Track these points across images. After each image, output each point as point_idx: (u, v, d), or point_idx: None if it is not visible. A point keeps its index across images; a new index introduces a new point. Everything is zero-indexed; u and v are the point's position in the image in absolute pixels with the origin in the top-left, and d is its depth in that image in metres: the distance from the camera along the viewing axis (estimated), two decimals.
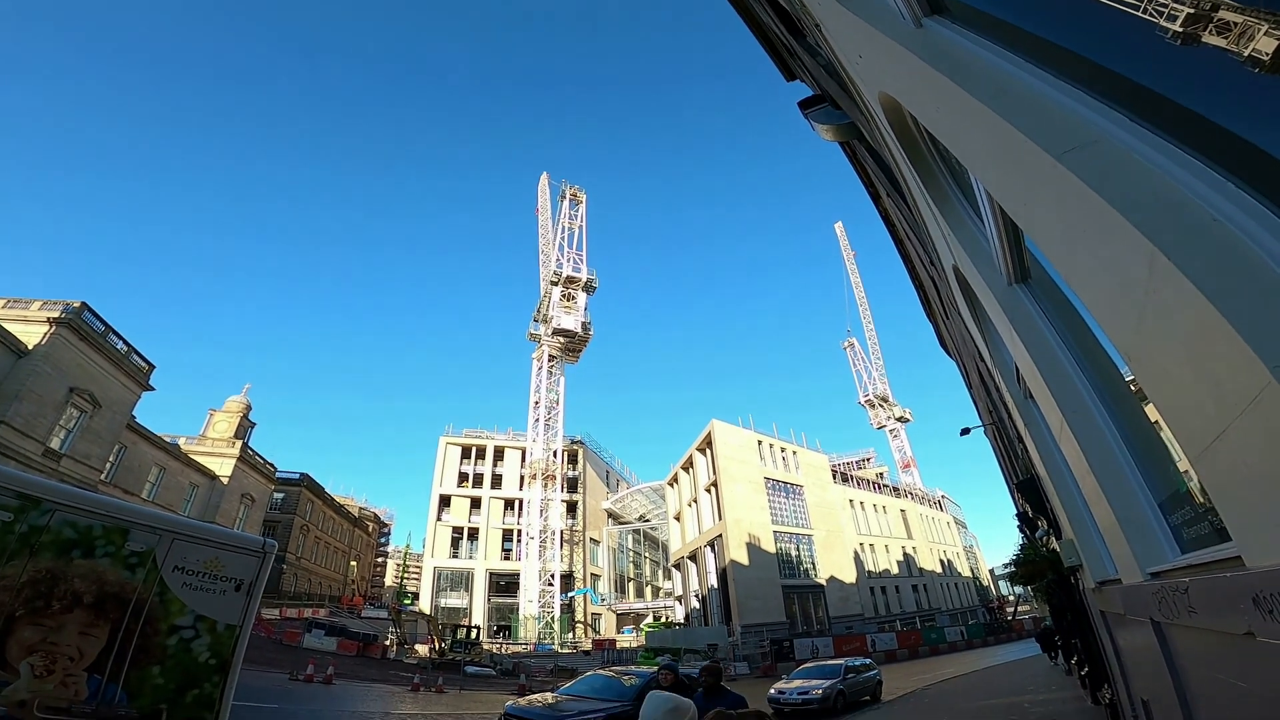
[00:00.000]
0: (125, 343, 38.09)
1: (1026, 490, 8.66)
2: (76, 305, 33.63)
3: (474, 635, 37.82)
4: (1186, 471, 3.06)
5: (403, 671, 25.26)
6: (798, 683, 16.86)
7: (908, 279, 18.19)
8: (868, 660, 20.24)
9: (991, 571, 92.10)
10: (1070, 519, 6.67)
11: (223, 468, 53.35)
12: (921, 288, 24.05)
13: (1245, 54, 1.60)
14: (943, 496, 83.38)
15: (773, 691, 16.68)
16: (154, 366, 40.70)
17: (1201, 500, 2.96)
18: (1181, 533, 3.44)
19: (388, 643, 36.37)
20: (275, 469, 61.37)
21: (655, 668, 18.51)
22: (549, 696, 11.04)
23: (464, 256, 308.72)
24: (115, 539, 4.62)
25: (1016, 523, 14.45)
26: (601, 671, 12.76)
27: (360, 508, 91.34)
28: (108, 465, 40.15)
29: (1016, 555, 11.63)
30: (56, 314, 32.57)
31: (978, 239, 5.99)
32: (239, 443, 55.45)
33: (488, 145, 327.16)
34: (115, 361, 37.16)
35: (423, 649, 35.92)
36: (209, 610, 4.86)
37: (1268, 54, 1.54)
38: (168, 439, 49.50)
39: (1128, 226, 1.80)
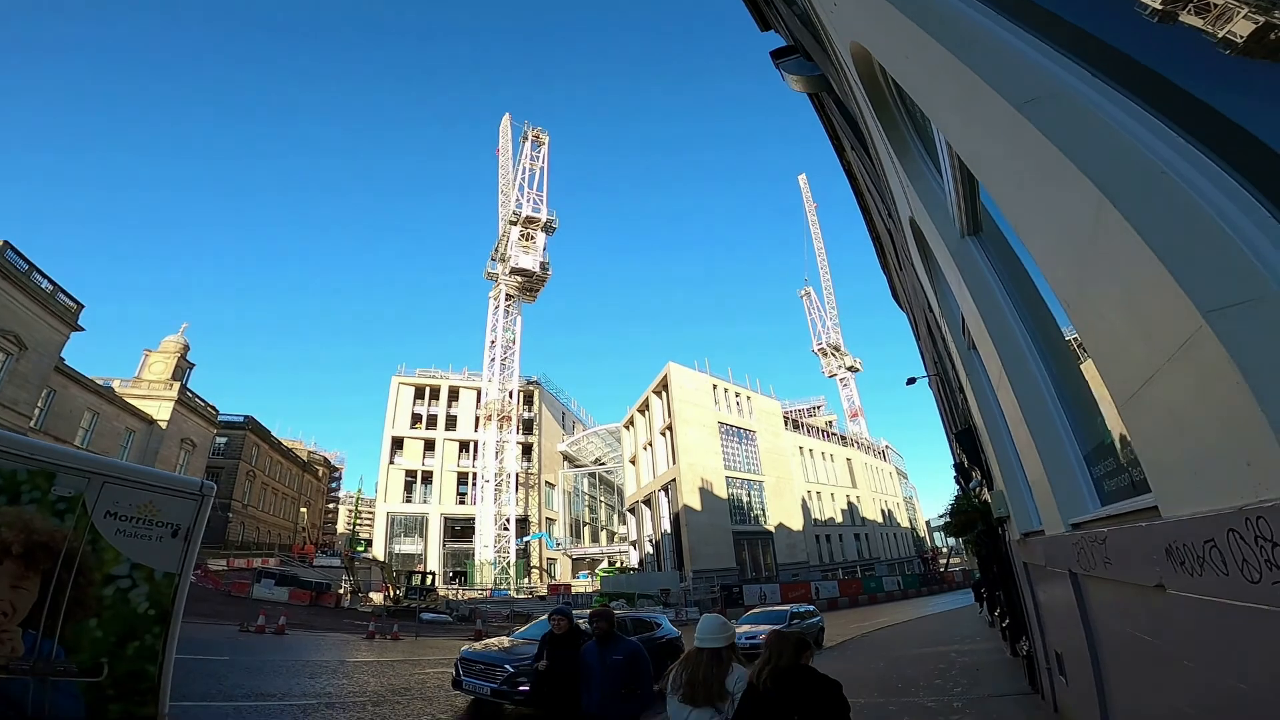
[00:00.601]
0: (51, 281, 36.38)
1: (964, 440, 9.02)
2: None
3: (429, 582, 37.82)
4: (1115, 432, 3.19)
5: (357, 620, 25.21)
6: (745, 628, 17.50)
7: (865, 232, 18.39)
8: (811, 607, 21.13)
9: (928, 523, 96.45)
10: (1002, 470, 6.98)
11: (160, 411, 51.16)
12: (878, 240, 24.38)
13: (1220, 35, 1.65)
14: (886, 447, 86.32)
15: None
16: (82, 306, 39.05)
17: (1123, 454, 3.11)
18: (1103, 485, 3.62)
19: (341, 591, 36.14)
20: (217, 412, 59.27)
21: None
22: (504, 640, 11.23)
23: (418, 196, 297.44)
24: (40, 483, 4.39)
25: (954, 474, 15.07)
26: None
27: (309, 451, 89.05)
28: (37, 411, 38.43)
29: (951, 505, 12.01)
30: None
31: (935, 191, 6.13)
32: (177, 385, 53.10)
33: (446, 84, 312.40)
34: (41, 301, 35.51)
35: (378, 597, 35.81)
36: (145, 558, 4.69)
37: (1242, 37, 1.60)
38: (100, 382, 47.29)
39: (1079, 175, 1.83)
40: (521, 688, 8.95)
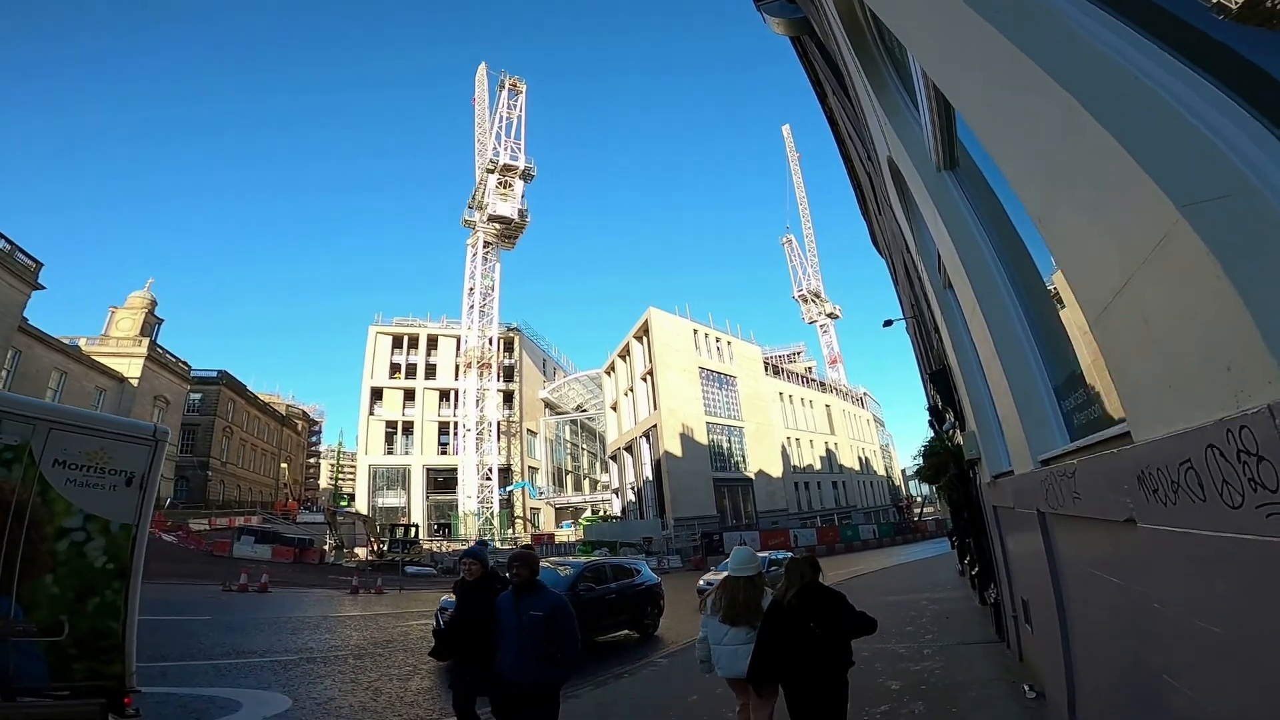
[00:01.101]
0: (7, 240, 36.16)
1: (938, 381, 9.03)
2: None
3: (412, 534, 37.93)
4: (1087, 362, 3.13)
5: (342, 575, 25.15)
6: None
7: (847, 181, 18.23)
8: (790, 554, 21.50)
9: (903, 471, 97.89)
10: (974, 410, 6.99)
11: (130, 368, 50.14)
12: (859, 186, 24.30)
13: (1214, 1, 1.66)
14: (864, 394, 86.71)
15: (701, 583, 17.82)
16: (41, 264, 38.80)
17: (1094, 384, 3.07)
18: (1074, 418, 3.59)
19: (326, 547, 36.10)
20: (189, 368, 58.32)
21: (588, 558, 19.11)
22: None
23: (391, 143, 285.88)
24: None
25: (928, 418, 15.18)
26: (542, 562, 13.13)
27: (287, 405, 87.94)
28: (3, 372, 37.85)
29: (924, 448, 11.91)
30: None
31: (912, 126, 6.22)
32: (146, 341, 51.93)
33: (419, 35, 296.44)
34: None
35: (362, 552, 35.95)
36: (99, 509, 4.53)
37: (1236, 5, 1.59)
38: (66, 341, 46.23)
39: (1049, 81, 1.78)
40: None
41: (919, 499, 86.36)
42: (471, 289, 62.46)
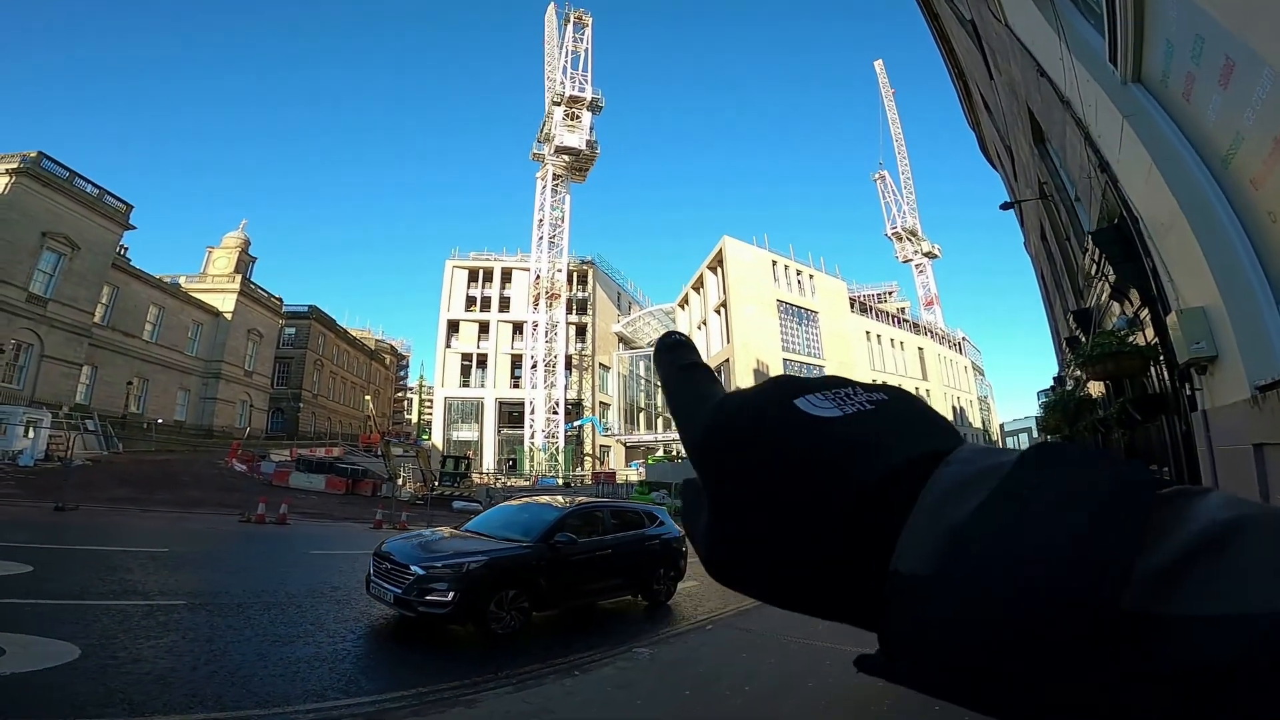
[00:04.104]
0: (94, 185, 38.14)
1: (1106, 242, 5.54)
2: (33, 155, 33.81)
3: (463, 468, 36.74)
4: None
5: (389, 509, 24.02)
6: None
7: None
8: None
9: (1001, 427, 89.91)
10: (1214, 269, 3.61)
11: (225, 303, 52.50)
12: (962, 78, 20.82)
13: None
14: (963, 338, 78.67)
15: None
16: (131, 206, 40.54)
17: None
18: None
19: (400, 481, 35.07)
20: (282, 302, 60.35)
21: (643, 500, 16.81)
22: (438, 531, 9.07)
23: (460, 79, 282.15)
24: None
25: (1067, 330, 11.21)
26: (530, 500, 10.79)
27: (376, 340, 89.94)
28: (100, 308, 39.89)
29: (1087, 351, 6.81)
30: (14, 164, 32.67)
31: None
32: (239, 277, 54.14)
33: None
34: (87, 204, 37.29)
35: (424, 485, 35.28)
36: None
37: None
38: (167, 279, 48.76)
39: None
40: (431, 597, 6.82)
41: None
42: (541, 220, 61.48)
